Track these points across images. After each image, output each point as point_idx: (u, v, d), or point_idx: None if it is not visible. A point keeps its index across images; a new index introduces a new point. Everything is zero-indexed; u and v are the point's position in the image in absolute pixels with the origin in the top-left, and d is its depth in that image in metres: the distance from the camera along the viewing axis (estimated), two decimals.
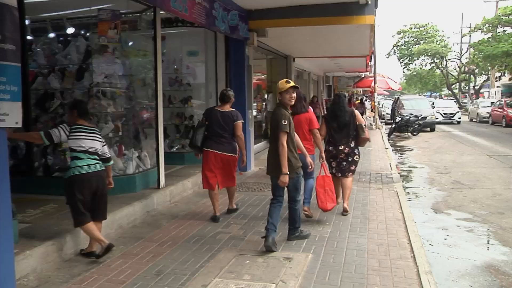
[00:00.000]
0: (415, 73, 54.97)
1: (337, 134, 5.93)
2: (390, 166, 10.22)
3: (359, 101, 25.73)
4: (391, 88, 27.06)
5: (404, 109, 22.35)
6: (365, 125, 6.67)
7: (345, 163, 6.00)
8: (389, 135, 19.09)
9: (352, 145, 5.98)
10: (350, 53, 15.21)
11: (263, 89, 14.66)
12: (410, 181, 9.62)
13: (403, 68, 50.91)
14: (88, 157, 4.25)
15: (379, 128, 21.34)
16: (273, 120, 4.51)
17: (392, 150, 14.72)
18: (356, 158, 6.06)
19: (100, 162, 4.35)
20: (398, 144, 16.96)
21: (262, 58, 13.91)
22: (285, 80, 4.66)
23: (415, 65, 50.83)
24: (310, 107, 5.82)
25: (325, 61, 18.36)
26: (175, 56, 9.09)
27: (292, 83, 4.60)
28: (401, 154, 14.00)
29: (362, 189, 7.58)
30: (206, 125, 5.65)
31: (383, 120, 28.54)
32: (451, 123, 26.25)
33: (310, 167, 5.14)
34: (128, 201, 5.68)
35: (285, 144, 4.41)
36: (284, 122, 4.45)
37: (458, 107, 29.81)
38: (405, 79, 67.01)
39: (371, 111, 25.48)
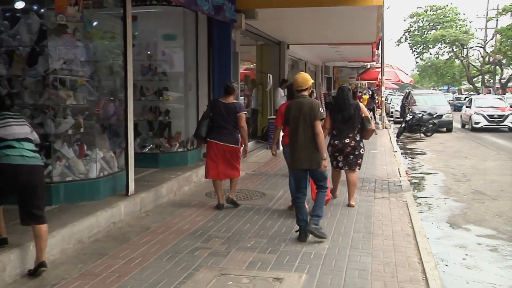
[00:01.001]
0: (429, 63, 55.42)
1: (342, 127, 6.89)
2: (399, 172, 10.29)
3: (368, 96, 25.90)
4: (401, 81, 27.32)
5: (416, 105, 22.55)
6: (371, 117, 7.32)
7: (352, 156, 7.02)
8: (398, 135, 19.24)
9: (357, 138, 6.97)
10: (354, 39, 15.32)
11: (252, 80, 14.68)
12: (422, 190, 9.70)
13: (416, 57, 51.34)
14: (22, 146, 4.27)
15: (386, 128, 21.49)
16: (307, 109, 5.34)
17: (402, 153, 14.83)
18: (362, 151, 7.12)
19: (37, 156, 4.37)
20: (408, 146, 17.10)
21: (251, 44, 13.94)
22: (304, 73, 5.75)
23: (430, 54, 51.16)
24: None
25: (325, 49, 18.45)
26: (148, 40, 9.05)
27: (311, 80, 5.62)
28: (411, 158, 14.12)
29: (365, 199, 7.61)
30: (210, 116, 6.73)
31: (391, 119, 28.77)
32: (500, 130, 21.74)
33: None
34: (90, 210, 5.64)
35: (322, 131, 5.35)
36: (321, 110, 5.40)
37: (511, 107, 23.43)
38: (418, 71, 67.57)
39: (378, 107, 25.67)
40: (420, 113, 20.45)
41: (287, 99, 7.03)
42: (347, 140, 6.92)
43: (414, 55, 50.60)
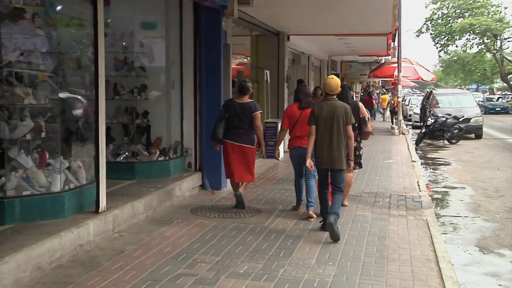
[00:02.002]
0: (455, 57, 55.71)
1: None
2: (418, 185, 10.31)
3: (372, 95, 25.93)
4: (422, 79, 27.42)
5: (439, 107, 22.64)
6: (368, 118, 8.24)
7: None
8: (417, 143, 19.29)
9: (358, 139, 8.00)
10: (365, 29, 15.37)
11: (246, 77, 14.68)
12: (446, 207, 9.70)
13: (439, 51, 51.60)
14: None
15: (403, 134, 21.57)
16: (341, 113, 6.56)
17: (422, 163, 14.86)
18: (362, 152, 8.34)
19: None
20: (429, 155, 17.13)
21: (245, 34, 13.97)
22: (336, 78, 6.86)
23: (456, 46, 51.45)
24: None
25: (331, 41, 18.51)
26: (123, 28, 9.05)
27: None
28: (433, 169, 14.15)
29: (378, 217, 7.62)
30: (226, 117, 7.70)
31: (410, 123, 28.84)
32: None
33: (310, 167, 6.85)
34: (53, 230, 5.60)
35: (353, 134, 6.68)
36: (352, 116, 6.69)
37: None
38: (441, 67, 67.90)
39: (393, 109, 25.71)
40: (443, 117, 20.45)
41: (294, 101, 7.81)
42: None
43: (437, 48, 50.84)
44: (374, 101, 28.19)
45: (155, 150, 8.93)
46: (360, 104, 8.22)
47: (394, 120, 24.81)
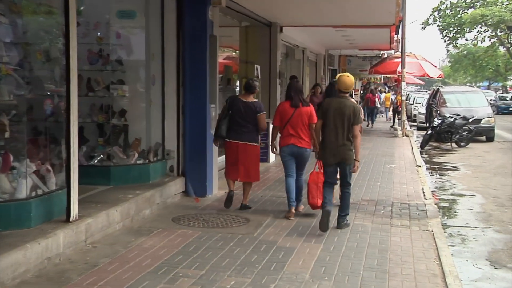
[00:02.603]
0: (465, 52, 55.99)
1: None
2: (423, 193, 10.34)
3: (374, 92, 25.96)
4: (428, 75, 27.48)
5: (446, 106, 22.75)
6: (365, 120, 8.74)
7: None
8: (422, 146, 19.35)
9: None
10: (366, 20, 15.41)
11: (234, 73, 14.67)
12: (453, 217, 9.74)
13: (448, 44, 51.85)
14: None
15: (407, 136, 21.62)
16: (349, 111, 7.28)
17: (427, 168, 14.93)
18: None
19: None
20: (436, 159, 17.20)
21: (233, 25, 13.95)
22: (351, 76, 7.59)
23: (466, 40, 51.76)
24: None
25: (329, 33, 18.54)
26: (98, 17, 9.02)
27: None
28: (440, 175, 14.19)
29: (379, 227, 7.63)
30: (229, 114, 8.28)
31: (414, 124, 28.94)
32: None
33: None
34: (17, 242, 5.56)
35: (359, 134, 7.40)
36: (360, 116, 7.49)
37: None
38: (449, 62, 68.27)
39: (396, 109, 25.77)
40: (451, 117, 20.57)
41: (286, 98, 8.37)
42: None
43: (445, 41, 51.10)
44: (377, 99, 28.24)
45: (133, 153, 8.91)
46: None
47: (397, 121, 24.86)
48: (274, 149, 8.86)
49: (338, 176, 7.63)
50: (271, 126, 9.46)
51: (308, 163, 8.28)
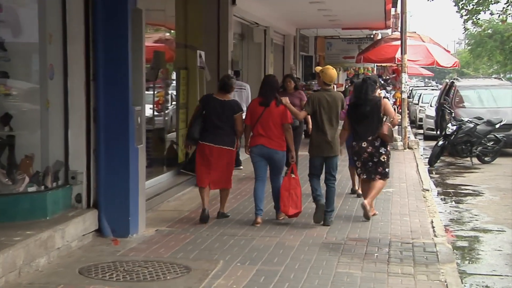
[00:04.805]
0: (490, 31, 56.42)
1: (359, 127, 10.46)
2: (433, 227, 10.36)
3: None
4: (438, 64, 27.72)
5: (464, 107, 23.03)
6: (391, 118, 10.65)
7: (370, 163, 10.49)
8: (431, 162, 19.42)
9: (377, 143, 10.37)
10: None
11: (168, 62, 14.60)
12: (475, 262, 9.83)
13: (465, 20, 52.08)
14: None
15: (410, 148, 21.57)
16: (337, 102, 10.02)
17: (438, 193, 15.07)
18: (383, 158, 10.49)
19: None
20: (450, 180, 17.38)
21: None
22: (333, 68, 10.55)
23: (491, 14, 51.94)
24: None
25: (301, 5, 18.68)
26: None
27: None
28: (456, 202, 14.33)
29: (372, 276, 7.68)
30: (203, 115, 10.10)
31: (420, 131, 29.13)
32: None
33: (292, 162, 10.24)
34: None
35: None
36: (344, 104, 10.45)
37: None
38: (467, 45, 69.12)
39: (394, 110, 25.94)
40: (471, 121, 20.69)
41: (259, 95, 10.31)
42: (364, 144, 10.36)
43: (462, 16, 51.44)
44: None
45: (23, 176, 8.81)
46: (385, 100, 11.03)
47: (396, 128, 24.95)
48: (248, 151, 10.34)
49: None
50: None
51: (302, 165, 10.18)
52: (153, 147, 12.92)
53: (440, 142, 20.28)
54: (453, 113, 22.35)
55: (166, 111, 14.33)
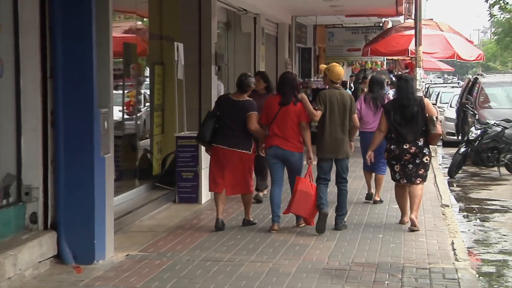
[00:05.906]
0: None
1: (402, 129, 11.28)
2: (454, 249, 10.41)
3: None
4: (459, 57, 27.84)
5: (490, 107, 23.11)
6: (436, 117, 11.73)
7: (411, 166, 11.35)
8: (451, 172, 19.47)
9: (420, 143, 11.33)
10: None
11: (141, 56, 14.59)
12: None
13: (491, 5, 52.46)
14: None
15: None
16: (348, 101, 11.17)
17: (460, 210, 15.08)
18: (426, 160, 11.48)
19: None
20: (474, 195, 17.42)
21: None
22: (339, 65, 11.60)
23: None
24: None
25: None
26: None
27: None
28: (482, 220, 14.33)
29: None
30: (217, 116, 11.25)
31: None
32: None
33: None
34: None
35: (358, 123, 12.21)
36: (354, 104, 11.86)
37: None
38: (494, 35, 69.41)
39: None
40: (498, 125, 20.83)
41: (277, 93, 11.55)
42: (406, 146, 11.27)
43: (487, 0, 51.81)
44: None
45: None
46: (426, 100, 12.31)
47: None
48: (262, 152, 11.35)
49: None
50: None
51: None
52: (123, 156, 12.94)
53: (462, 149, 20.37)
54: (477, 115, 22.28)
55: (139, 114, 14.36)
